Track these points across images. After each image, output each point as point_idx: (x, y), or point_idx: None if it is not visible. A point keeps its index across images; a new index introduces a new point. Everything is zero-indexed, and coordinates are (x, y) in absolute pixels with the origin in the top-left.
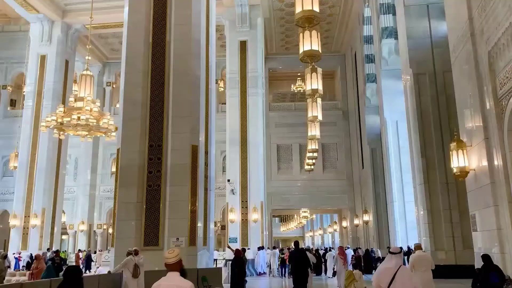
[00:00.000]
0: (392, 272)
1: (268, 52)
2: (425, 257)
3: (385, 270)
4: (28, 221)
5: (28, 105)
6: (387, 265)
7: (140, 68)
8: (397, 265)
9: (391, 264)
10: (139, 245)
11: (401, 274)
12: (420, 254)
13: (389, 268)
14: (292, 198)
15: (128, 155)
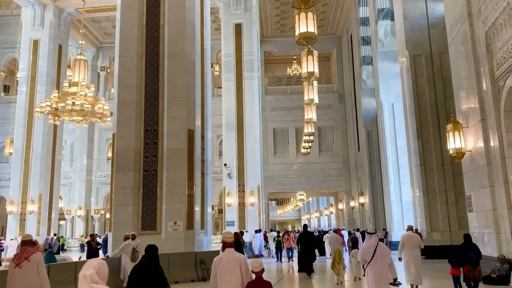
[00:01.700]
0: (373, 248)
1: (263, 35)
2: (414, 237)
3: (367, 247)
4: (25, 207)
5: (22, 91)
6: (368, 243)
7: (134, 52)
8: (376, 242)
9: (371, 242)
10: (136, 229)
11: (380, 249)
12: (410, 234)
13: (370, 245)
14: (288, 181)
15: (124, 140)
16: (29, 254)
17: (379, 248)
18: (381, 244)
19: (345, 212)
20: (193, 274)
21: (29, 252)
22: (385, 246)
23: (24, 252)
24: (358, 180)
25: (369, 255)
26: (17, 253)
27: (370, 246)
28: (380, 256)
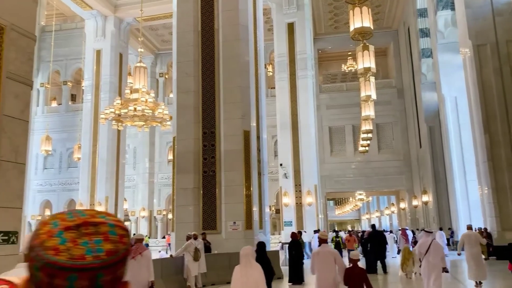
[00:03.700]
0: (427, 244)
1: (316, 33)
2: (474, 235)
3: (424, 242)
4: (93, 209)
5: (87, 99)
6: (424, 240)
7: (190, 57)
8: (431, 238)
9: (427, 239)
10: (197, 229)
11: (434, 245)
12: (469, 233)
13: (426, 241)
14: (346, 180)
15: (184, 142)
16: (142, 250)
17: (433, 244)
18: (435, 241)
19: (407, 211)
20: None
21: (142, 248)
22: (438, 243)
23: (138, 248)
24: (421, 178)
25: (424, 249)
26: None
27: (426, 241)
28: (433, 250)
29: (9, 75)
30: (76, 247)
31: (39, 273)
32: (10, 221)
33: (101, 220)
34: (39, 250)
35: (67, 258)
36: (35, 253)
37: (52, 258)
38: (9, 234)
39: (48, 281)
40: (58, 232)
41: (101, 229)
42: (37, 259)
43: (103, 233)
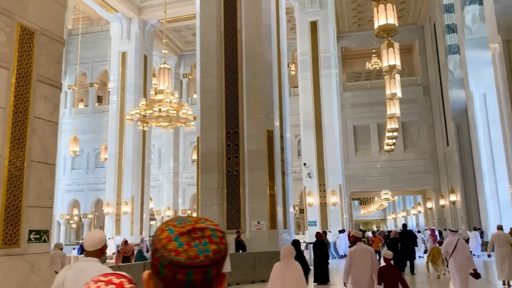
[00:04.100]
0: (454, 243)
1: (340, 31)
2: (503, 235)
3: (450, 242)
4: (120, 208)
5: (113, 100)
6: (451, 239)
7: (214, 58)
8: (457, 238)
9: (453, 238)
10: (222, 228)
11: (460, 244)
12: (499, 233)
13: (452, 240)
14: (371, 180)
15: (207, 142)
16: None
17: (459, 243)
18: (461, 240)
19: (434, 211)
20: None
21: None
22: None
23: None
24: (448, 177)
25: (451, 248)
26: None
27: (452, 241)
28: (459, 249)
29: (39, 78)
30: (190, 248)
31: (164, 270)
32: (41, 220)
33: (204, 226)
34: (163, 252)
35: (185, 258)
36: (160, 254)
37: (175, 258)
38: (40, 233)
39: (172, 276)
40: (175, 237)
41: (206, 233)
42: (162, 259)
43: (208, 236)
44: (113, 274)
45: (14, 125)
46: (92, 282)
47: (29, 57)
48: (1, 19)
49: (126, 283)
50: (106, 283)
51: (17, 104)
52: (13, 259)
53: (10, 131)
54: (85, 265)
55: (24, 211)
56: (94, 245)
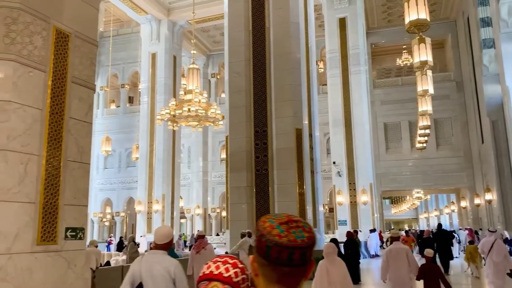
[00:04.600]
0: (490, 243)
1: (369, 27)
2: None
3: (487, 241)
4: (151, 207)
5: (144, 101)
6: (488, 239)
7: (242, 57)
8: (494, 238)
9: (490, 238)
10: (251, 227)
11: (497, 244)
12: None
13: (489, 240)
14: (403, 178)
15: (236, 141)
16: (205, 244)
17: (496, 243)
18: (498, 240)
19: (468, 210)
20: None
21: (205, 243)
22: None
23: (201, 243)
24: (483, 175)
25: (487, 248)
26: (196, 244)
27: (489, 241)
28: (496, 249)
29: (73, 79)
30: (290, 234)
31: (270, 251)
32: (77, 218)
33: (297, 219)
34: (269, 236)
35: (287, 241)
36: (266, 238)
37: (279, 241)
38: (76, 230)
39: (277, 255)
40: (276, 225)
41: (299, 224)
42: (268, 242)
43: (301, 227)
44: (227, 256)
45: (50, 125)
46: (211, 262)
47: (64, 59)
48: (38, 23)
49: (238, 263)
50: (223, 262)
51: (53, 105)
52: (50, 256)
53: (47, 132)
54: (155, 257)
55: (60, 209)
56: (163, 239)
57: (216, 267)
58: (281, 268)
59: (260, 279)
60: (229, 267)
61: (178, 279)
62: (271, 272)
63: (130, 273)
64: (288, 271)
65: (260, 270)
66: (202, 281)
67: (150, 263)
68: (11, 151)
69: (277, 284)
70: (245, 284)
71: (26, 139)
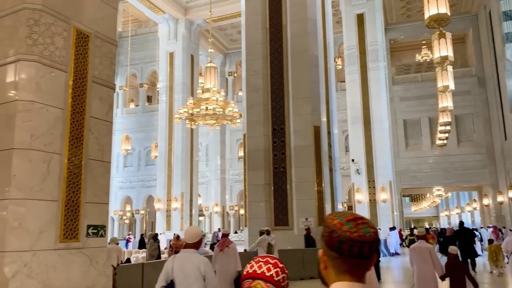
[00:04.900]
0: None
1: (388, 23)
2: None
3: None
4: (170, 204)
5: (162, 100)
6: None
7: (259, 55)
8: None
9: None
10: (269, 225)
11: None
12: None
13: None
14: (423, 176)
15: (254, 139)
16: (229, 243)
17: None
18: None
19: (491, 208)
20: None
21: (228, 242)
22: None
23: (225, 241)
24: (506, 172)
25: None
26: (220, 242)
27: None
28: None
29: (94, 79)
30: (359, 230)
31: (342, 245)
32: (98, 215)
33: (361, 216)
34: (340, 232)
35: (358, 236)
36: (338, 234)
37: (350, 236)
38: (98, 228)
39: (348, 249)
40: (345, 222)
41: (364, 220)
42: (340, 237)
43: (366, 223)
44: (268, 256)
45: (72, 125)
46: (253, 262)
47: (84, 59)
48: (59, 24)
49: (278, 263)
50: (264, 262)
51: (74, 104)
52: (72, 253)
53: (68, 131)
54: (187, 255)
55: (82, 207)
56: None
57: (259, 267)
58: (352, 260)
59: (330, 271)
60: (271, 267)
61: (208, 276)
62: (342, 264)
63: (164, 270)
64: (358, 262)
65: (331, 263)
66: (246, 280)
67: (182, 261)
68: (34, 150)
69: (347, 275)
70: (285, 282)
71: (49, 138)
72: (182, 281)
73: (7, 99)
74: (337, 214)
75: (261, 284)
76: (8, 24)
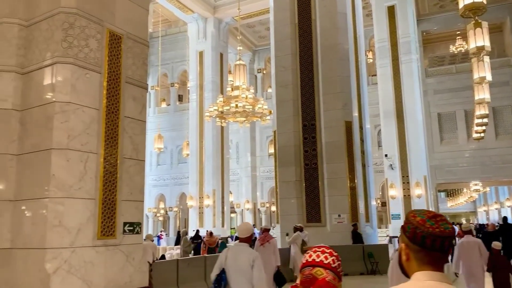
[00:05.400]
0: None
1: (420, 14)
2: None
3: None
4: (202, 202)
5: (193, 99)
6: None
7: (288, 51)
8: None
9: None
10: (302, 221)
11: None
12: None
13: None
14: (459, 170)
15: (284, 136)
16: (270, 238)
17: None
18: None
19: None
20: (362, 267)
21: (269, 237)
22: None
23: (266, 237)
24: None
25: None
26: (261, 236)
27: None
28: None
29: (127, 79)
30: (439, 226)
31: (425, 240)
32: (134, 213)
33: (439, 213)
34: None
35: (439, 231)
36: (421, 230)
37: (433, 231)
38: (133, 225)
39: (431, 243)
40: (427, 219)
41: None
42: (423, 233)
43: (445, 220)
44: (323, 246)
45: (107, 124)
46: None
47: (117, 60)
48: (93, 26)
49: (333, 252)
50: (321, 252)
51: (109, 105)
52: (110, 250)
53: (104, 131)
54: (240, 248)
55: (118, 205)
56: (244, 233)
57: (317, 256)
58: (434, 253)
59: (412, 262)
60: (327, 256)
61: (256, 267)
62: (425, 256)
63: (219, 261)
64: (439, 255)
65: (413, 255)
66: (306, 267)
67: (235, 253)
68: (71, 150)
69: (428, 266)
70: (340, 268)
71: (85, 138)
72: (234, 270)
73: (45, 101)
74: (417, 211)
75: (320, 270)
76: (44, 28)
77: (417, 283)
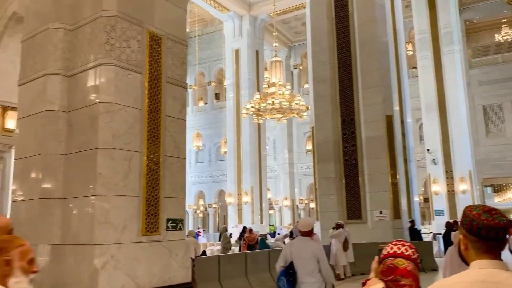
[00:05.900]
0: None
1: (462, 2)
2: None
3: None
4: (241, 199)
5: (230, 96)
6: None
7: (325, 45)
8: None
9: None
10: (342, 218)
11: None
12: None
13: None
14: (507, 164)
15: (323, 132)
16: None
17: None
18: None
19: None
20: None
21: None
22: None
23: None
24: None
25: None
26: None
27: None
28: None
29: (167, 79)
30: (494, 219)
31: (481, 231)
32: (176, 209)
33: (493, 207)
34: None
35: (494, 223)
36: (477, 222)
37: (488, 224)
38: (176, 221)
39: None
40: (482, 213)
41: (497, 211)
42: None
43: (499, 213)
44: (401, 240)
45: (149, 124)
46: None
47: (158, 61)
48: (133, 28)
49: (412, 245)
50: (402, 244)
51: (151, 104)
52: (154, 246)
53: (146, 130)
54: (302, 242)
55: (161, 202)
56: (306, 227)
57: (398, 248)
58: (490, 243)
59: (470, 251)
60: (407, 248)
61: (321, 260)
62: (481, 246)
63: (283, 254)
64: (495, 244)
65: (471, 245)
66: (388, 258)
67: (298, 246)
68: (116, 149)
69: (485, 254)
70: (419, 260)
71: (129, 137)
72: (300, 262)
73: (90, 102)
74: (474, 206)
75: (402, 260)
76: (88, 31)
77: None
